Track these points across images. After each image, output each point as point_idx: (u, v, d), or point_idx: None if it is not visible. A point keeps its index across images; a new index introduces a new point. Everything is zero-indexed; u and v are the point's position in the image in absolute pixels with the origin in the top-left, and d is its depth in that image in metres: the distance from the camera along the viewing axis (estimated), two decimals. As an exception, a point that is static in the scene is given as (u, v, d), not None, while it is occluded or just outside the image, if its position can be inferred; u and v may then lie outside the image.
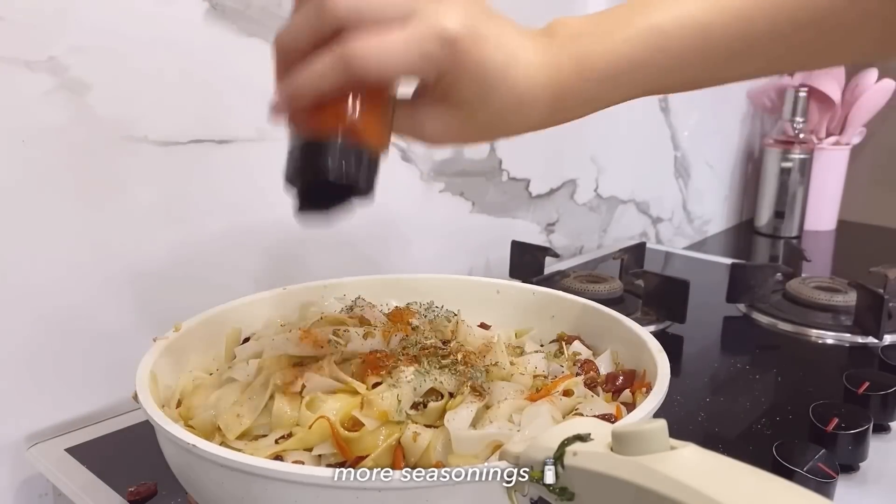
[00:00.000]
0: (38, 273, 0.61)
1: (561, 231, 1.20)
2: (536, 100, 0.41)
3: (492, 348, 0.54)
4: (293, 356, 0.51)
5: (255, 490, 0.38)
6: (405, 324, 0.56)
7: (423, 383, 0.47)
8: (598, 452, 0.29)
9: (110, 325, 0.66)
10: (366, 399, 0.45)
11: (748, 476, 0.25)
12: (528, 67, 0.41)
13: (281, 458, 0.43)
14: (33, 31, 0.57)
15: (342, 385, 0.47)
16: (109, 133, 0.63)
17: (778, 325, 0.90)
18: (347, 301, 0.64)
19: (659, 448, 0.27)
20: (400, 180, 0.91)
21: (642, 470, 0.26)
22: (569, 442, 0.30)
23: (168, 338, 0.53)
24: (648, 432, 0.27)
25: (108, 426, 0.63)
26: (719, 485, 0.24)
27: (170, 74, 0.66)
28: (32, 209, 0.60)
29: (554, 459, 0.30)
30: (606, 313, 0.60)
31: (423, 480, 0.36)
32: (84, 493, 0.53)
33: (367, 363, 0.49)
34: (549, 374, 0.55)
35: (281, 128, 0.41)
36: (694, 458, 0.26)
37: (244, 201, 0.75)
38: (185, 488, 0.45)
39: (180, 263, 0.71)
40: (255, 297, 0.63)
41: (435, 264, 0.98)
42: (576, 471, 0.29)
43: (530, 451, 0.32)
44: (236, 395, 0.49)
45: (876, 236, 1.57)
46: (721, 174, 1.62)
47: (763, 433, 0.63)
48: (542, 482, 0.31)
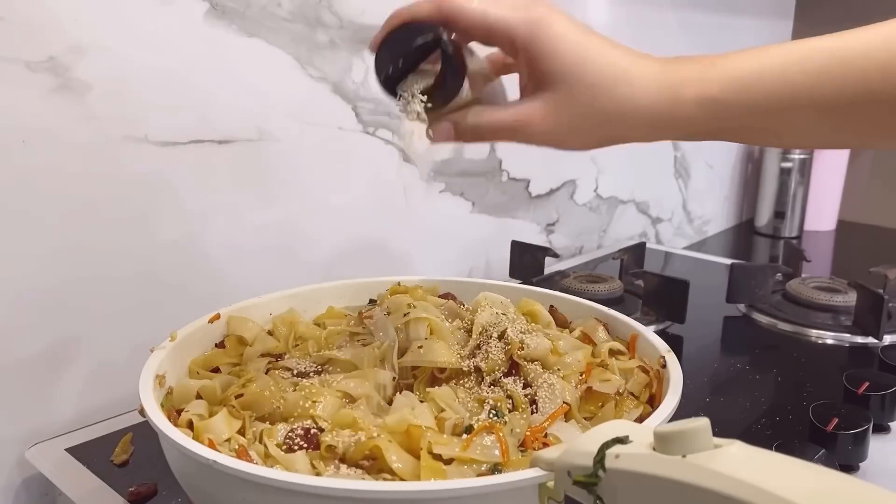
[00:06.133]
0: (38, 273, 0.61)
1: (561, 231, 1.20)
2: (643, 79, 0.43)
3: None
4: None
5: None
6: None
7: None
8: (642, 454, 0.28)
9: (110, 324, 0.66)
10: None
11: (803, 470, 0.25)
12: (625, 54, 0.43)
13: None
14: (34, 32, 0.57)
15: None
16: (110, 133, 0.63)
17: (778, 326, 0.90)
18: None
19: (704, 447, 0.26)
20: (401, 180, 0.91)
21: (694, 469, 0.26)
22: (609, 445, 0.30)
23: (165, 347, 0.53)
24: (693, 431, 0.26)
25: (109, 426, 0.63)
26: (776, 479, 0.24)
27: (170, 74, 0.66)
28: (33, 209, 0.60)
29: (595, 462, 0.30)
30: (614, 316, 0.61)
31: (459, 489, 0.36)
32: (84, 493, 0.53)
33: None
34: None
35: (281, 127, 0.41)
36: (742, 454, 0.26)
37: (245, 201, 0.75)
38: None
39: (180, 264, 0.71)
40: (260, 299, 0.63)
41: (435, 264, 0.98)
42: (619, 473, 0.29)
43: (567, 456, 0.31)
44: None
45: (876, 236, 1.57)
46: (721, 174, 1.62)
47: (763, 433, 0.63)
48: (586, 485, 0.30)
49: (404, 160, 0.90)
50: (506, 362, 0.52)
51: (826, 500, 0.23)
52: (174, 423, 0.44)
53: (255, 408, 0.48)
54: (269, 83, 0.74)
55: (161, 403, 0.48)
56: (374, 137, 0.86)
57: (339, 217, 0.85)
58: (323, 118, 0.80)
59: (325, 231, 0.84)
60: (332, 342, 0.56)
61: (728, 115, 0.43)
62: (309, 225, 0.82)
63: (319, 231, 0.83)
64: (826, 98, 0.41)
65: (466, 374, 0.51)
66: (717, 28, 1.45)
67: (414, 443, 0.43)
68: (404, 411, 0.45)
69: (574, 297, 0.64)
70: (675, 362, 0.51)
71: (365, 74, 0.82)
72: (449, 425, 0.45)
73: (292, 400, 0.47)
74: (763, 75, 0.41)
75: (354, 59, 0.81)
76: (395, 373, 0.52)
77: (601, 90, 0.42)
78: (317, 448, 0.44)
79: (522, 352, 0.52)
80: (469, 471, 0.41)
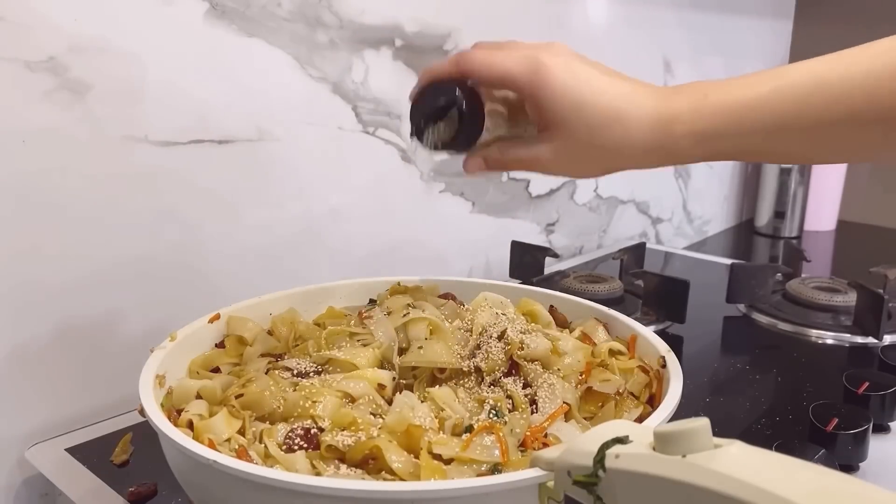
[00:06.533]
0: (38, 273, 0.61)
1: (561, 231, 1.20)
2: (635, 119, 0.46)
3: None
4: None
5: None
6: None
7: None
8: (642, 453, 0.28)
9: (110, 324, 0.66)
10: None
11: (803, 470, 0.25)
12: (620, 94, 0.47)
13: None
14: (34, 32, 0.57)
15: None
16: (109, 133, 0.63)
17: (778, 326, 0.90)
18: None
19: (704, 447, 0.26)
20: (401, 180, 0.91)
21: (694, 469, 0.26)
22: (608, 445, 0.30)
23: (165, 347, 0.53)
24: (693, 431, 0.26)
25: (109, 426, 0.63)
26: (777, 479, 0.24)
27: (170, 75, 0.66)
28: (33, 209, 0.60)
29: (595, 462, 0.30)
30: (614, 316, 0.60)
31: (459, 489, 0.36)
32: (84, 493, 0.53)
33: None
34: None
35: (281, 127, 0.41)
36: (743, 454, 0.26)
37: (245, 202, 0.75)
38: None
39: (180, 264, 0.71)
40: (260, 299, 0.63)
41: (435, 264, 0.98)
42: (619, 473, 0.29)
43: (567, 455, 0.31)
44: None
45: (876, 236, 1.57)
46: (721, 174, 1.62)
47: (763, 433, 0.63)
48: (586, 485, 0.30)
49: (404, 160, 0.90)
50: (506, 362, 0.52)
51: (826, 499, 0.23)
52: (174, 424, 0.44)
53: (255, 408, 0.48)
54: (269, 83, 0.74)
55: (161, 403, 0.48)
56: (374, 137, 0.86)
57: (339, 217, 0.85)
58: (323, 118, 0.80)
59: (324, 231, 0.84)
60: (332, 342, 0.56)
61: (719, 144, 0.46)
62: (309, 225, 0.82)
63: (319, 231, 0.83)
64: (814, 122, 0.43)
65: (466, 375, 0.51)
66: (718, 28, 1.45)
67: (414, 443, 0.43)
68: (404, 411, 0.45)
69: (574, 297, 0.64)
70: (675, 362, 0.51)
71: (365, 74, 0.82)
72: (449, 425, 0.45)
73: (292, 400, 0.47)
74: (752, 105, 0.44)
75: (354, 58, 0.81)
76: (395, 373, 0.52)
77: (598, 131, 0.47)
78: (317, 448, 0.44)
79: (522, 352, 0.52)
80: (469, 471, 0.41)
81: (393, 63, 0.85)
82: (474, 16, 0.93)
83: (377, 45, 0.83)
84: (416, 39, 0.87)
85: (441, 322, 0.56)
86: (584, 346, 0.56)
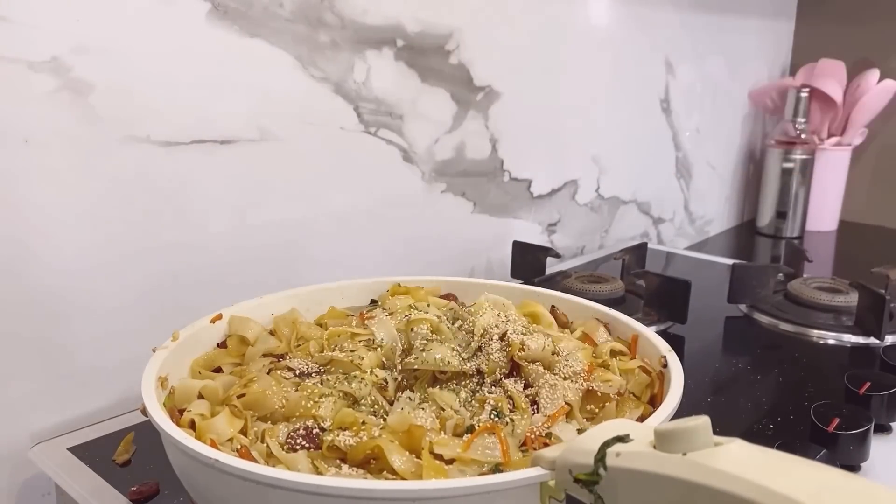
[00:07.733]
0: (38, 273, 0.61)
1: (562, 231, 1.20)
2: None
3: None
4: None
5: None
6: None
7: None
8: (642, 452, 0.28)
9: (112, 324, 0.66)
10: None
11: (802, 467, 0.25)
12: None
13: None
14: (36, 32, 0.57)
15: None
16: (112, 133, 0.63)
17: (779, 326, 0.90)
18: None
19: (704, 445, 0.26)
20: (402, 181, 0.91)
21: (694, 466, 0.26)
22: (609, 443, 0.30)
23: (167, 347, 0.53)
24: (693, 429, 0.27)
25: (111, 425, 0.63)
26: (776, 476, 0.24)
27: (172, 75, 0.66)
28: (34, 209, 0.60)
29: (596, 461, 0.30)
30: (616, 317, 0.60)
31: (462, 488, 0.36)
32: (86, 492, 0.53)
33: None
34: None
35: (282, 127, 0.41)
36: (743, 452, 0.26)
37: (247, 202, 0.75)
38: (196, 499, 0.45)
39: (181, 264, 0.71)
40: (262, 299, 0.63)
41: (437, 265, 0.98)
42: (620, 471, 0.29)
43: (568, 454, 0.32)
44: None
45: (877, 237, 1.57)
46: (722, 175, 1.62)
47: (764, 433, 0.63)
48: (587, 484, 0.30)
49: (406, 160, 0.90)
50: (507, 363, 0.52)
51: (827, 496, 0.23)
52: (176, 423, 0.44)
53: (257, 408, 0.48)
54: (271, 83, 0.75)
55: (163, 403, 0.48)
56: (376, 137, 0.86)
57: (341, 217, 0.85)
58: (324, 118, 0.80)
59: (326, 231, 0.84)
60: (333, 342, 0.56)
61: None
62: (310, 225, 0.82)
63: (321, 231, 0.83)
64: None
65: (468, 376, 0.51)
66: (719, 28, 1.45)
67: (415, 443, 0.43)
68: (406, 411, 0.45)
69: (575, 298, 0.64)
70: (677, 362, 0.51)
71: (366, 74, 0.82)
72: (450, 426, 0.45)
73: (294, 400, 0.47)
74: None
75: (356, 59, 0.81)
76: (396, 373, 0.52)
77: None
78: (319, 448, 0.44)
79: (523, 353, 0.52)
80: (470, 471, 0.41)
81: (395, 63, 0.85)
82: (476, 16, 0.93)
83: (379, 45, 0.83)
84: (418, 40, 0.87)
85: (442, 323, 0.56)
86: (585, 347, 0.56)
